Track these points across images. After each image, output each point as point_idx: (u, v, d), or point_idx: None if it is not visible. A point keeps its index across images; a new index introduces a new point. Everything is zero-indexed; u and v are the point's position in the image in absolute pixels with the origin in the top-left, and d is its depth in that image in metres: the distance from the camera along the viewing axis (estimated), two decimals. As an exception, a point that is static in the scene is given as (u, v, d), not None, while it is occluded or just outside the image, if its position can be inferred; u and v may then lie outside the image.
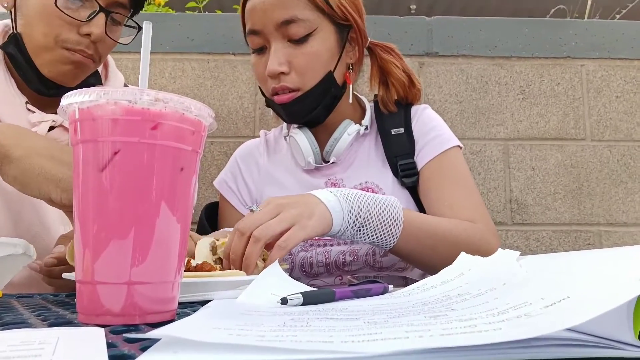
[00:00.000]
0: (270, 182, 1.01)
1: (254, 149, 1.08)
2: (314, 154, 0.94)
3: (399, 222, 0.75)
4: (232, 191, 1.03)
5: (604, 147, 1.43)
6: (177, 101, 0.40)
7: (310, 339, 0.27)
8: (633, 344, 0.26)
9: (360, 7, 0.94)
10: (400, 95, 0.99)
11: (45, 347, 0.28)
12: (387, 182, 0.94)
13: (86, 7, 0.81)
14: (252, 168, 1.04)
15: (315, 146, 0.94)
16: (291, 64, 0.88)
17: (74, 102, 0.40)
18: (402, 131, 0.96)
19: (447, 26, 1.45)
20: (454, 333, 0.27)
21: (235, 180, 1.04)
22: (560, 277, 0.36)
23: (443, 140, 0.94)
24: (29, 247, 0.41)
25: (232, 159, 1.09)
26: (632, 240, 1.39)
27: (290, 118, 0.94)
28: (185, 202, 0.42)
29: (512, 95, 1.44)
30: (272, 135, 1.10)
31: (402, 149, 0.94)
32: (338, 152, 0.94)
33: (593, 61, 1.46)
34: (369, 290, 0.52)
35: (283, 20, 0.86)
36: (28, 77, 0.85)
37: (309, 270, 0.91)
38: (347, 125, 0.94)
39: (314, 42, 0.88)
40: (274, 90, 0.90)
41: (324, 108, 0.92)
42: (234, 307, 0.43)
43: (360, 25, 0.93)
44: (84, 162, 0.40)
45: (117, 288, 0.38)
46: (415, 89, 0.99)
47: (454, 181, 0.91)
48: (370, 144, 0.99)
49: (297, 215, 0.67)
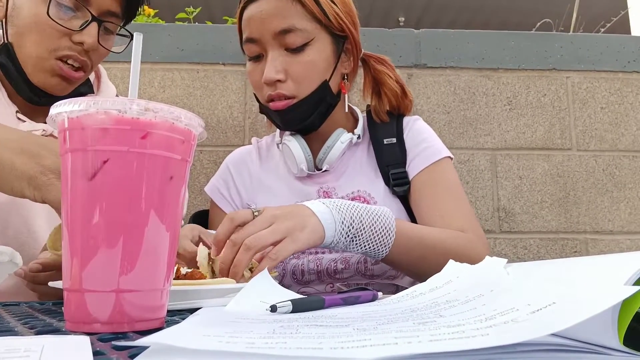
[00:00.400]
0: (261, 190, 1.01)
1: (246, 155, 1.08)
2: (306, 161, 0.94)
3: (391, 233, 0.76)
4: (223, 197, 1.03)
5: (590, 157, 1.45)
6: (167, 111, 0.40)
7: (300, 346, 0.27)
8: (617, 349, 0.27)
9: (355, 19, 0.95)
10: (392, 105, 1.00)
11: (30, 354, 0.28)
12: (378, 191, 0.95)
13: (78, 17, 0.81)
14: (244, 175, 1.04)
15: (308, 153, 0.94)
16: (288, 72, 0.89)
17: (63, 112, 0.40)
18: (394, 141, 0.97)
19: (435, 38, 1.47)
20: (443, 339, 0.28)
21: (227, 186, 1.04)
22: (547, 284, 0.36)
23: (434, 151, 0.95)
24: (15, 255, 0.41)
25: (223, 165, 1.08)
26: (618, 248, 1.41)
27: (285, 125, 0.95)
28: (175, 210, 0.42)
29: (499, 106, 1.46)
30: (264, 142, 1.10)
31: (394, 158, 0.95)
32: (331, 160, 0.95)
33: (578, 73, 1.49)
34: (358, 297, 0.52)
35: (281, 29, 0.87)
36: (19, 86, 0.85)
37: (300, 278, 0.91)
38: (340, 133, 0.95)
39: (311, 51, 0.89)
40: (269, 97, 0.91)
41: (318, 116, 0.93)
42: (223, 314, 0.42)
43: (356, 37, 0.95)
44: (72, 171, 0.40)
45: (105, 296, 0.38)
46: (407, 100, 1.01)
47: (444, 191, 0.92)
48: (362, 154, 1.00)
49: (290, 227, 0.67)
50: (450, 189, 0.93)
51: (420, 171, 0.94)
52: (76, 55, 0.82)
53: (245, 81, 1.42)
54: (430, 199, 0.91)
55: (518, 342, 0.25)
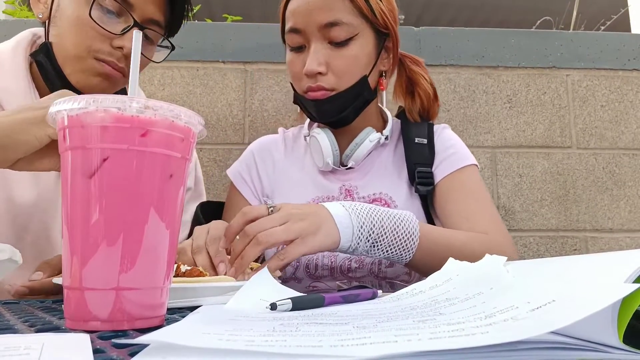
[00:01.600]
0: (283, 180, 1.01)
1: (271, 144, 1.07)
2: (333, 156, 0.95)
3: (414, 237, 0.75)
4: (245, 182, 1.03)
5: (590, 155, 1.45)
6: (167, 109, 0.40)
7: (300, 344, 0.27)
8: (617, 347, 0.27)
9: (397, 17, 0.96)
10: (423, 107, 1.01)
11: (30, 352, 0.28)
12: (400, 194, 0.95)
13: (121, 22, 0.81)
14: (268, 162, 1.04)
15: (335, 148, 0.95)
16: (329, 66, 0.89)
17: (63, 109, 0.40)
18: (425, 142, 0.98)
19: (435, 36, 1.47)
20: (442, 337, 0.28)
21: (250, 172, 1.04)
22: (547, 281, 0.36)
23: (461, 157, 0.96)
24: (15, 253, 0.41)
25: (247, 150, 1.08)
26: (617, 246, 1.41)
27: (320, 115, 0.94)
28: (174, 208, 0.42)
29: (499, 104, 1.46)
30: (291, 133, 1.10)
31: (423, 157, 0.96)
32: (357, 158, 0.95)
33: (578, 71, 1.48)
34: (358, 295, 0.52)
35: (327, 22, 0.87)
36: (55, 87, 0.82)
37: (313, 272, 0.90)
38: (369, 132, 0.95)
39: (354, 46, 0.89)
40: (308, 89, 0.91)
41: (353, 110, 0.93)
42: (223, 312, 0.42)
43: (396, 33, 0.96)
44: (72, 169, 0.40)
45: (105, 294, 0.38)
46: (437, 104, 1.03)
47: (470, 195, 0.92)
48: (388, 155, 1.00)
49: (304, 228, 0.66)
50: (476, 193, 0.92)
51: (447, 175, 0.94)
52: (114, 62, 0.80)
53: (245, 79, 1.42)
54: (456, 202, 0.91)
55: (518, 340, 0.25)
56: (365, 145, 0.94)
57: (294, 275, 0.91)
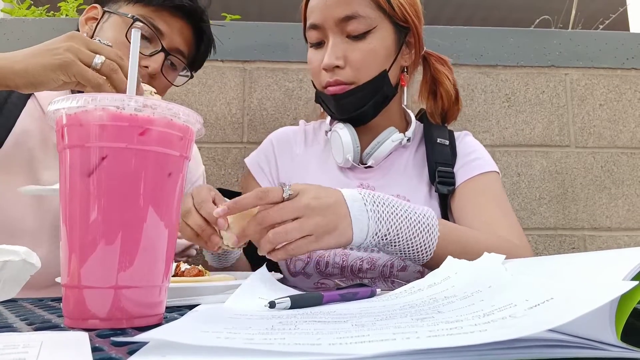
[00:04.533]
0: (301, 173, 1.00)
1: (291, 135, 1.06)
2: (353, 152, 0.93)
3: (433, 238, 0.70)
4: (262, 172, 1.02)
5: (588, 154, 1.45)
6: (165, 107, 0.40)
7: (298, 342, 0.28)
8: (615, 345, 0.27)
9: (419, 13, 0.95)
10: (444, 108, 1.01)
11: (29, 350, 0.28)
12: (419, 196, 0.94)
13: (150, 47, 0.90)
14: (286, 154, 1.03)
15: (357, 144, 0.93)
16: (347, 59, 0.88)
17: (62, 108, 0.40)
18: (446, 143, 0.97)
19: (434, 35, 1.47)
20: (441, 334, 0.28)
21: (268, 161, 1.03)
22: (545, 280, 0.36)
23: (484, 163, 0.95)
24: (31, 255, 0.41)
25: (267, 141, 1.07)
26: (615, 244, 1.41)
27: (340, 110, 0.93)
28: (173, 207, 0.42)
29: (497, 103, 1.46)
30: (312, 127, 1.08)
31: (444, 157, 0.95)
32: (378, 157, 0.94)
33: (577, 70, 1.48)
34: (357, 293, 0.52)
35: (344, 16, 0.87)
36: None
37: (323, 269, 0.90)
38: (392, 132, 0.94)
39: (372, 39, 0.89)
40: (327, 84, 0.91)
41: (373, 105, 0.92)
42: (222, 310, 0.42)
43: (419, 31, 0.95)
44: (71, 167, 0.40)
45: (103, 292, 0.38)
46: (457, 107, 1.02)
47: (491, 200, 0.90)
48: (409, 157, 0.99)
49: (320, 225, 0.62)
50: (497, 200, 0.91)
51: (468, 179, 0.93)
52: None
53: (244, 78, 1.42)
54: (476, 206, 0.90)
55: (516, 338, 0.25)
56: (387, 145, 0.93)
57: (304, 270, 0.90)
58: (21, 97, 0.89)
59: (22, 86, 0.66)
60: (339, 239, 0.64)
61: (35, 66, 0.65)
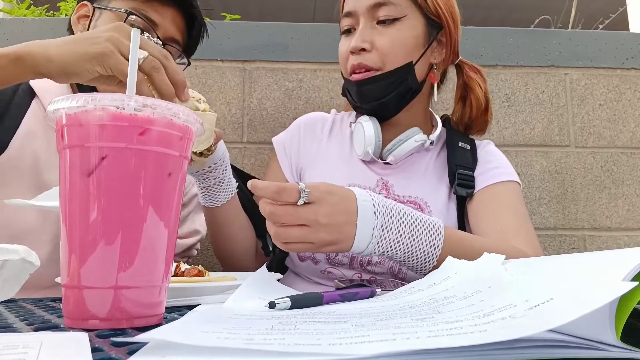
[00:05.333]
0: (322, 160, 1.00)
1: (319, 122, 1.07)
2: (375, 145, 0.93)
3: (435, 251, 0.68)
4: (285, 154, 1.03)
5: (588, 154, 1.45)
6: (165, 107, 0.40)
7: (298, 342, 0.28)
8: (615, 345, 0.27)
9: (455, 16, 0.95)
10: (471, 116, 1.00)
11: (29, 351, 0.28)
12: (437, 200, 0.92)
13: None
14: (311, 140, 1.04)
15: (379, 138, 0.93)
16: (374, 44, 0.89)
17: (61, 108, 0.40)
18: (468, 147, 0.97)
19: (434, 34, 1.47)
20: (440, 335, 0.28)
21: (292, 145, 1.04)
22: (545, 280, 0.36)
23: (505, 172, 0.94)
24: (31, 254, 0.41)
25: (296, 123, 1.08)
26: (615, 244, 1.41)
27: (361, 98, 0.93)
28: (173, 207, 0.42)
29: (497, 103, 1.46)
30: (340, 117, 1.09)
31: (465, 160, 0.95)
32: (398, 155, 0.93)
33: (577, 70, 1.48)
34: (357, 293, 0.52)
35: (375, 2, 0.89)
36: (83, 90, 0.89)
37: (332, 257, 0.89)
38: (416, 132, 0.94)
39: (401, 26, 0.89)
40: (352, 69, 0.91)
41: (396, 97, 0.92)
42: (222, 311, 0.42)
43: (452, 30, 0.95)
44: (71, 168, 0.39)
45: (103, 292, 0.38)
46: (486, 117, 1.01)
47: (508, 209, 0.89)
48: (430, 160, 0.98)
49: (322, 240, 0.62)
50: (515, 209, 0.90)
51: (488, 185, 0.92)
52: None
53: (244, 77, 1.42)
54: (492, 213, 0.89)
55: (516, 338, 0.25)
56: (409, 143, 0.93)
57: (313, 255, 0.90)
58: (25, 97, 0.89)
59: (55, 74, 0.63)
60: (337, 249, 0.65)
61: (70, 54, 0.62)
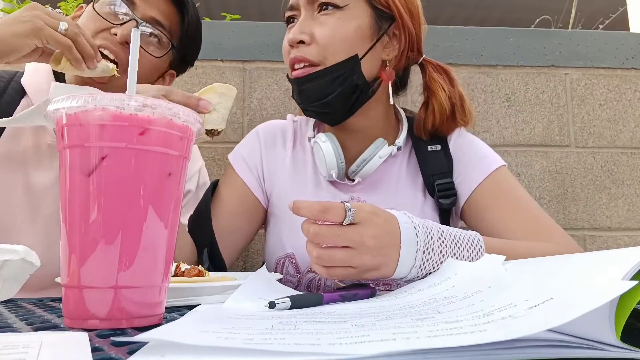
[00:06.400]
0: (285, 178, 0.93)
1: (279, 136, 0.97)
2: (338, 169, 0.85)
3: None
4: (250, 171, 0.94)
5: (588, 154, 1.45)
6: (165, 107, 0.40)
7: (298, 342, 0.28)
8: (614, 345, 0.27)
9: (412, 6, 0.87)
10: (435, 124, 0.89)
11: (29, 351, 0.28)
12: (415, 207, 0.87)
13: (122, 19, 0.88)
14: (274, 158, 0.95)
15: (341, 159, 0.85)
16: (313, 36, 0.81)
17: (61, 108, 0.40)
18: (438, 148, 0.89)
19: (434, 35, 1.47)
20: (440, 335, 0.28)
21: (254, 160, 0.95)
22: (544, 280, 0.36)
23: (490, 161, 0.87)
24: (31, 254, 0.41)
25: (253, 137, 0.99)
26: (615, 244, 1.41)
27: (302, 98, 0.85)
28: (173, 206, 0.42)
29: (497, 103, 1.46)
30: (299, 126, 1.00)
31: (440, 167, 0.88)
32: (365, 174, 0.86)
33: (577, 70, 1.48)
34: (357, 294, 0.52)
35: None
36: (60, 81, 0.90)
37: None
38: (379, 146, 0.86)
39: (342, 16, 0.81)
40: (292, 62, 0.84)
41: (342, 96, 0.83)
42: (222, 311, 0.42)
43: (406, 22, 0.85)
44: (70, 167, 0.39)
45: (103, 292, 0.38)
46: (455, 122, 0.91)
47: (513, 202, 0.83)
48: (401, 166, 0.91)
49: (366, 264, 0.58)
50: (519, 199, 0.84)
51: (480, 184, 0.85)
52: (109, 45, 0.85)
53: (244, 78, 1.42)
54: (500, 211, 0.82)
55: (516, 338, 0.25)
56: (374, 161, 0.85)
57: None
58: (15, 95, 0.89)
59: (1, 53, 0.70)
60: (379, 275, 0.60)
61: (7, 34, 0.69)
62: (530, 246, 0.74)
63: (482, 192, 0.85)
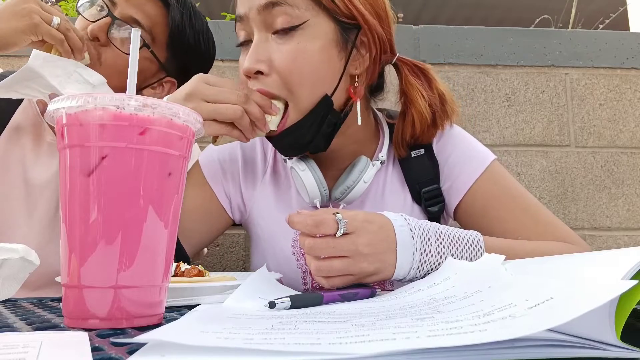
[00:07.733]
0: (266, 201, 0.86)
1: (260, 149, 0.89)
2: (321, 196, 0.79)
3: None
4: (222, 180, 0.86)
5: (588, 153, 1.45)
6: (165, 107, 0.40)
7: (298, 341, 0.28)
8: (614, 344, 0.27)
9: (377, 6, 0.75)
10: (415, 134, 0.80)
11: (29, 350, 0.28)
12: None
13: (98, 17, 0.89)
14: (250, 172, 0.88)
15: (324, 187, 0.78)
16: (272, 64, 0.70)
17: (62, 107, 0.40)
18: (422, 152, 0.83)
19: (434, 35, 1.47)
20: (440, 334, 0.28)
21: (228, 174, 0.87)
22: (544, 279, 0.36)
23: (482, 158, 0.82)
24: (30, 252, 0.41)
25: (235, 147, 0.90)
26: (615, 244, 1.41)
27: (285, 152, 0.79)
28: (173, 206, 0.42)
29: (497, 103, 1.46)
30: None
31: (425, 173, 0.82)
32: (350, 200, 0.80)
33: (577, 70, 1.48)
34: (357, 293, 0.52)
35: (266, 2, 0.69)
36: None
37: None
38: (362, 167, 0.78)
39: (301, 37, 0.70)
40: None
41: (322, 137, 0.76)
42: (222, 311, 0.42)
43: (374, 28, 0.74)
44: (71, 167, 0.39)
45: (103, 292, 0.38)
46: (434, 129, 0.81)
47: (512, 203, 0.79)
48: (385, 177, 0.85)
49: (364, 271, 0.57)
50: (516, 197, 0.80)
51: (473, 185, 0.80)
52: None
53: (244, 78, 1.42)
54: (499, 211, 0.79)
55: (516, 338, 0.25)
56: (359, 187, 0.78)
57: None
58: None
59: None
60: (379, 278, 0.60)
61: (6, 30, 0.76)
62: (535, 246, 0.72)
63: (476, 193, 0.80)
